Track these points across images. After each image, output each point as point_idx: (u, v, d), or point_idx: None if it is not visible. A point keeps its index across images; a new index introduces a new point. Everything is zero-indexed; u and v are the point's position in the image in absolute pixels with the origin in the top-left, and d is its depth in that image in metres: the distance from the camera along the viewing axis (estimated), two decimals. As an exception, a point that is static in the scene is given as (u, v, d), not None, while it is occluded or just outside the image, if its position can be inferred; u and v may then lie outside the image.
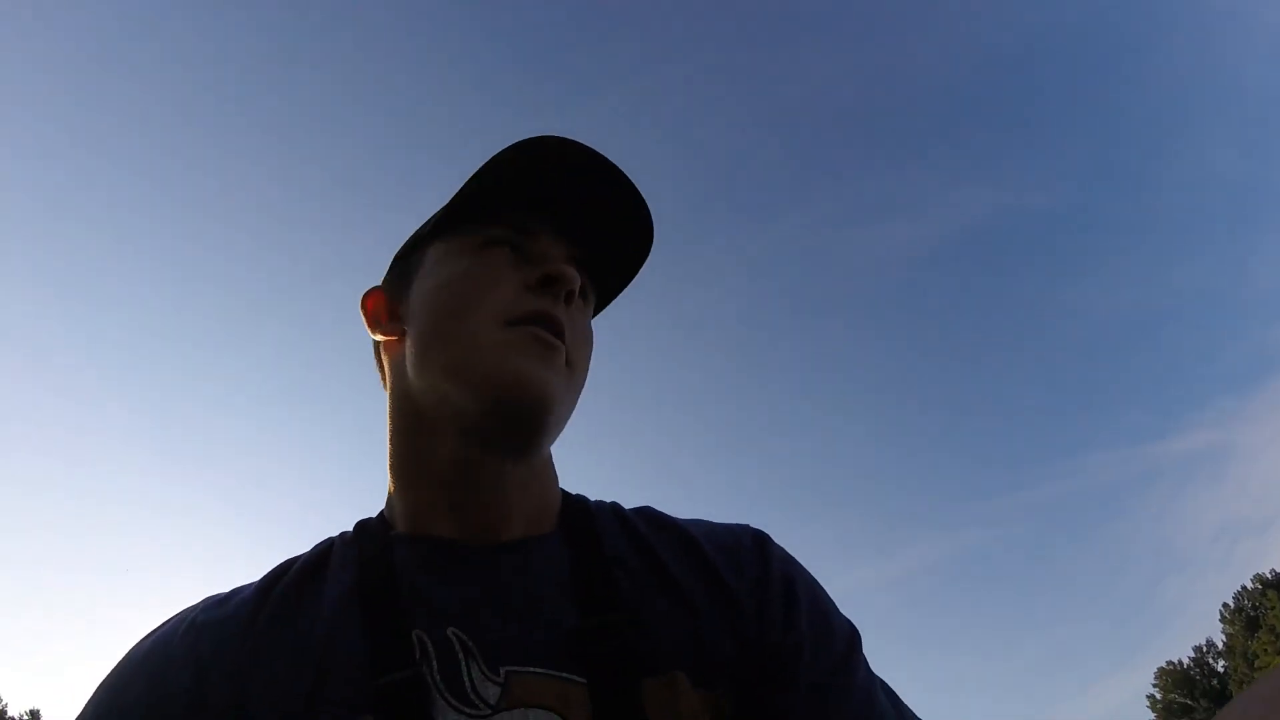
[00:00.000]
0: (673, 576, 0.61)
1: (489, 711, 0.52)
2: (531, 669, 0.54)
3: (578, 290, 0.65)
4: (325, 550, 0.65)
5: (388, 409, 0.69)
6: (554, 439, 0.67)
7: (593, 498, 0.71)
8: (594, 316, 0.74)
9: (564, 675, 0.54)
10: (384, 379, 0.72)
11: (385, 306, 0.73)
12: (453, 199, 0.68)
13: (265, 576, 0.64)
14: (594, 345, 0.71)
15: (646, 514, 0.69)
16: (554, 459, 0.70)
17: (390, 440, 0.68)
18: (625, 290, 0.75)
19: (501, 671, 0.54)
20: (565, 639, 0.55)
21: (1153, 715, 46.85)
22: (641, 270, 0.73)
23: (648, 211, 0.68)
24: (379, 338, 0.74)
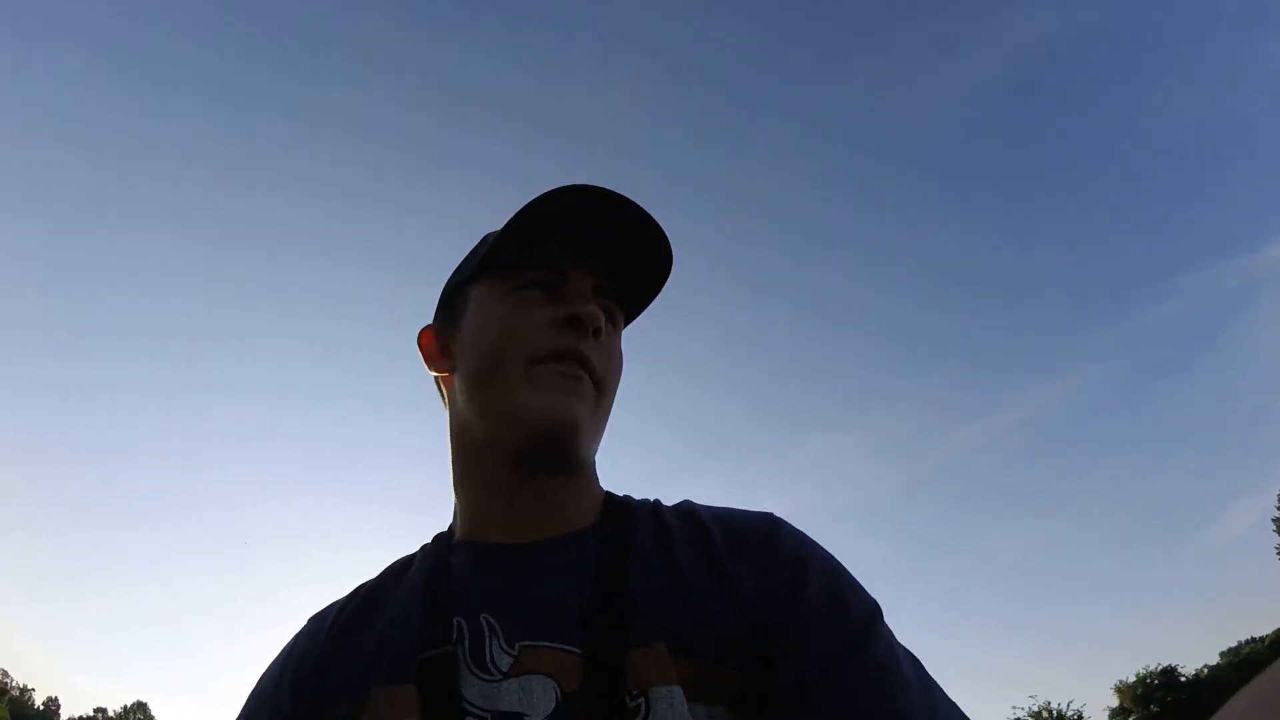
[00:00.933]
0: (677, 561, 0.70)
1: (500, 677, 0.64)
2: (540, 643, 0.65)
3: (603, 324, 0.74)
4: (409, 559, 0.82)
5: (447, 433, 0.83)
6: (590, 454, 0.79)
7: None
8: (626, 325, 0.85)
9: (564, 647, 0.64)
10: (444, 404, 0.85)
11: (437, 344, 0.85)
12: (490, 247, 0.78)
13: (358, 586, 0.82)
14: (624, 359, 0.82)
15: (681, 507, 0.78)
16: (598, 463, 0.83)
17: (451, 460, 0.81)
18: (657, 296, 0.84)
19: (516, 646, 0.66)
20: (570, 617, 0.66)
21: (1279, 539, 45.76)
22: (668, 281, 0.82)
23: (666, 240, 0.77)
24: (434, 374, 0.86)
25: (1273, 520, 46.13)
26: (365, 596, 0.80)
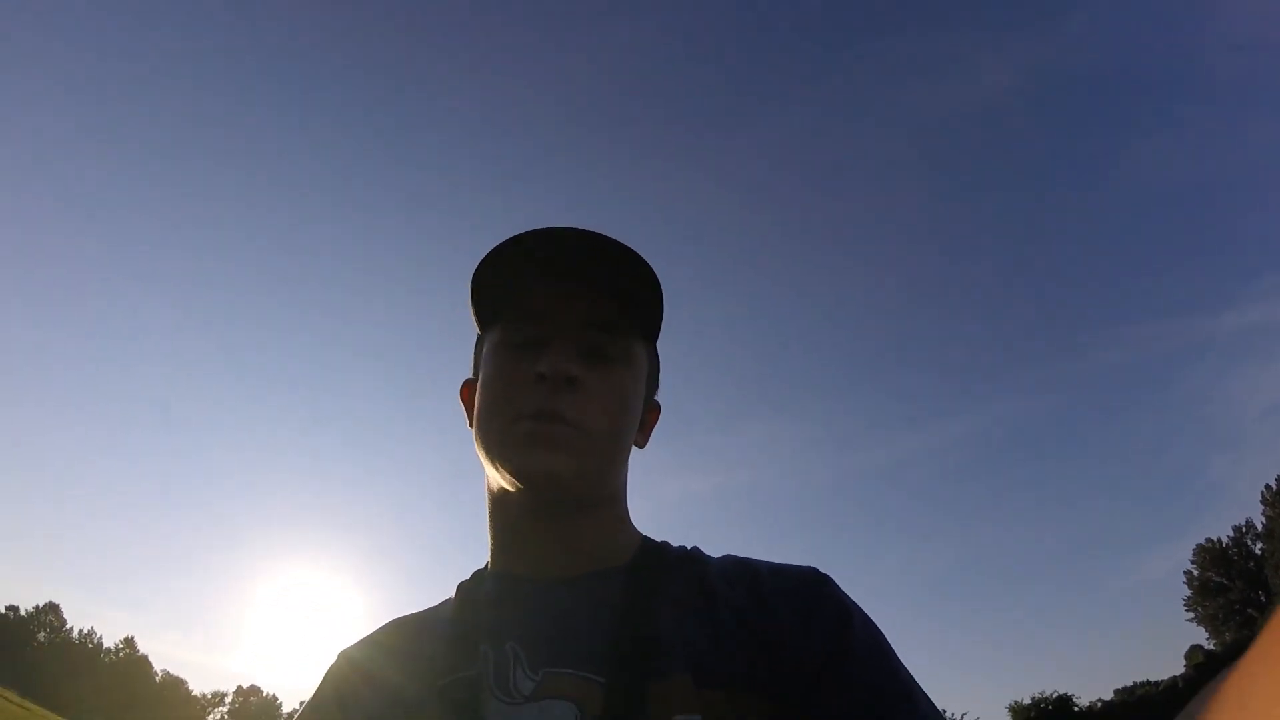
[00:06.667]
0: (714, 601, 0.73)
1: (522, 700, 0.67)
2: (563, 669, 0.68)
3: (574, 374, 0.75)
4: (450, 599, 0.85)
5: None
6: (600, 492, 0.79)
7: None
8: (655, 338, 0.86)
9: (587, 675, 0.67)
10: None
11: (469, 400, 0.87)
12: (472, 302, 0.82)
13: (392, 620, 0.86)
14: (642, 373, 0.84)
15: (720, 558, 0.82)
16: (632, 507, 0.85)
17: (486, 500, 0.84)
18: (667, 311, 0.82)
19: (540, 672, 0.69)
20: (594, 648, 0.69)
21: (1189, 591, 48.34)
22: (665, 302, 0.81)
23: (641, 261, 0.77)
24: (472, 429, 0.84)
25: (1184, 573, 48.59)
26: (398, 629, 0.84)
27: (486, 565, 0.84)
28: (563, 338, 0.78)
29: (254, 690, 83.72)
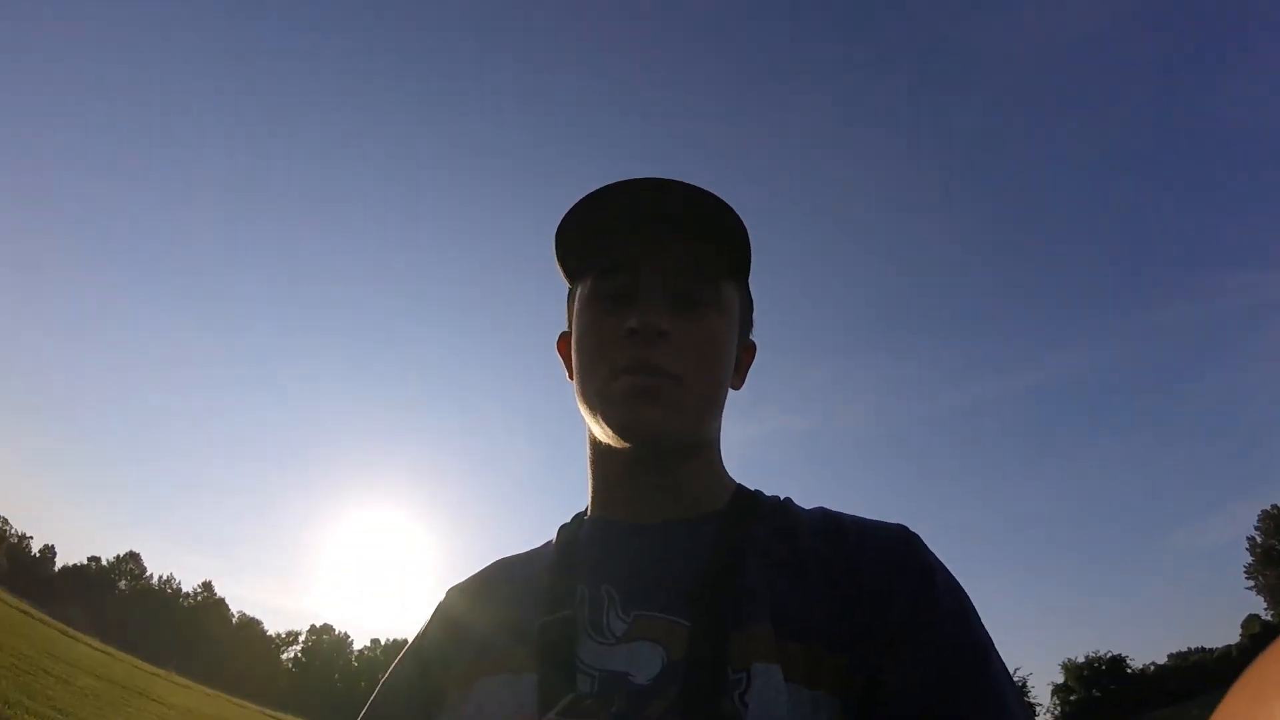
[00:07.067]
0: (800, 554, 0.74)
1: (614, 641, 0.70)
2: (653, 613, 0.71)
3: (664, 328, 0.76)
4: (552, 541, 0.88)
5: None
6: (695, 438, 0.80)
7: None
8: (746, 275, 0.85)
9: (675, 619, 0.70)
10: None
11: (566, 352, 0.89)
12: (557, 257, 0.84)
13: (498, 560, 0.91)
14: (734, 315, 0.84)
15: (811, 510, 0.82)
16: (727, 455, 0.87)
17: (587, 448, 0.86)
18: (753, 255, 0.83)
19: (631, 614, 0.72)
20: (683, 593, 0.71)
21: (1250, 558, 46.12)
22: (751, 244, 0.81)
23: (726, 206, 0.78)
24: (572, 381, 0.86)
25: (1247, 539, 46.33)
26: (502, 569, 0.87)
27: (586, 510, 0.87)
28: (651, 288, 0.78)
29: (326, 629, 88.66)
